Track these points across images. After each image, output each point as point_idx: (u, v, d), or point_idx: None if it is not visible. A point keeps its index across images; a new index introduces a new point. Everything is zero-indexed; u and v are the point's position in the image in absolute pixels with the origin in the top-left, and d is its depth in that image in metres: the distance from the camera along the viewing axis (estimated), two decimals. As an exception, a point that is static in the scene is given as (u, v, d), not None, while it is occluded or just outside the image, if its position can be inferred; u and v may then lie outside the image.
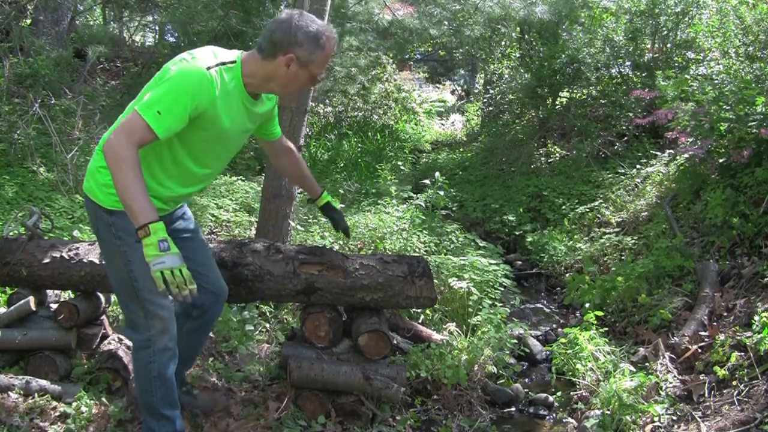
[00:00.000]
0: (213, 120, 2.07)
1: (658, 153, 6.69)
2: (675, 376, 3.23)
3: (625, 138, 7.80)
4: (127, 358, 2.94)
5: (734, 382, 2.98)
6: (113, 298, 3.47)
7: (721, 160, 4.84)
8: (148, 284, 2.03)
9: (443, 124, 14.43)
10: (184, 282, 1.89)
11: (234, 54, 2.12)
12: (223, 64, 2.06)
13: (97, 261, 2.84)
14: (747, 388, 2.86)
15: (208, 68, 2.00)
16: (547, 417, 3.29)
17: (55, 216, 4.68)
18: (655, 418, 2.84)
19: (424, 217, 4.92)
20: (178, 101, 1.95)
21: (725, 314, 3.66)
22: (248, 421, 2.71)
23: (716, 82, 5.17)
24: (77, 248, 2.90)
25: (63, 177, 5.37)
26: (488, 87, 11.48)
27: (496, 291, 4.03)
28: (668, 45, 7.59)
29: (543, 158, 8.62)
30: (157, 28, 11.26)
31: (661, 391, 3.06)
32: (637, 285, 4.25)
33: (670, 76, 5.70)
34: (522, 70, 8.89)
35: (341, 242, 4.49)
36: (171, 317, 2.20)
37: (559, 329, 4.30)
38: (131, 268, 2.12)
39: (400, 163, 8.61)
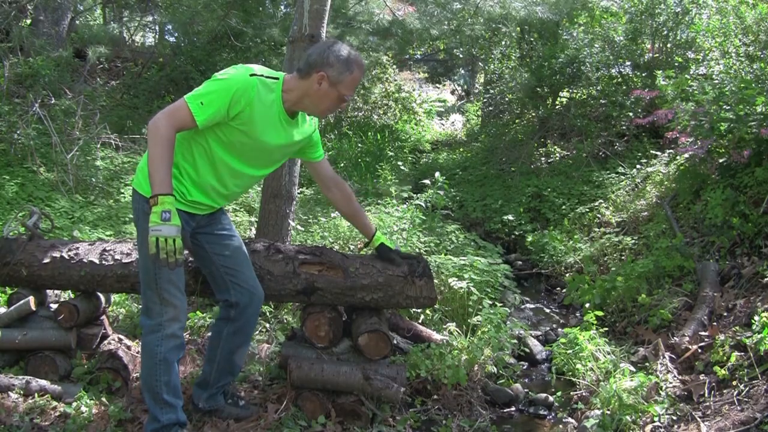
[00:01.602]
0: (249, 123, 2.27)
1: (658, 153, 6.69)
2: (675, 376, 3.23)
3: (625, 138, 7.80)
4: (127, 357, 2.94)
5: (734, 382, 2.98)
6: (113, 298, 3.48)
7: (721, 160, 4.84)
8: (168, 276, 2.28)
9: (443, 124, 14.43)
10: (174, 251, 2.07)
11: (278, 73, 2.37)
12: (268, 77, 2.31)
13: (97, 261, 2.85)
14: (747, 388, 2.86)
15: (253, 75, 2.26)
16: (547, 417, 3.29)
17: (55, 216, 4.68)
18: (655, 418, 2.84)
19: (424, 217, 4.92)
20: (221, 97, 2.19)
21: (725, 314, 3.66)
22: (248, 421, 2.72)
23: (716, 82, 5.17)
24: (77, 248, 2.90)
25: (63, 177, 5.37)
26: (488, 87, 11.48)
27: (496, 291, 4.03)
28: (668, 45, 7.59)
29: (543, 158, 8.62)
30: (157, 28, 11.26)
31: (661, 391, 3.06)
32: (637, 285, 4.25)
33: (670, 76, 5.70)
34: (522, 70, 8.88)
35: (341, 242, 4.49)
36: (184, 307, 2.37)
37: (559, 329, 4.30)
38: None
39: (400, 163, 8.61)
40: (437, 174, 5.03)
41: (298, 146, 2.53)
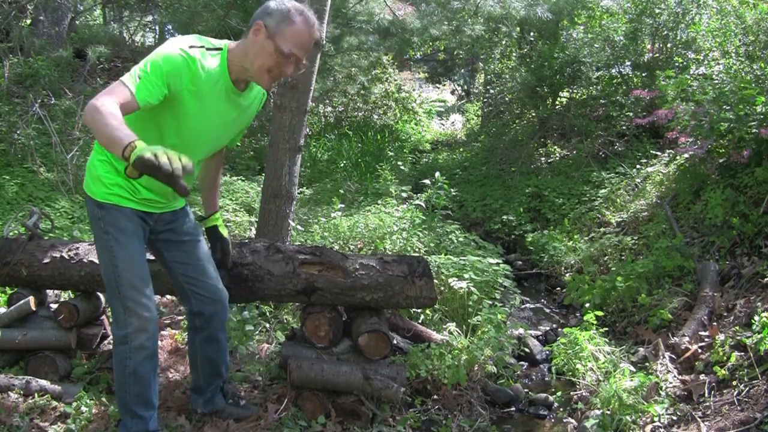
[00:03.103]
0: (193, 97, 2.07)
1: (658, 153, 6.69)
2: (675, 376, 3.23)
3: (625, 138, 7.80)
4: (127, 358, 2.94)
5: (734, 382, 2.98)
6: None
7: (721, 160, 4.84)
8: (130, 281, 2.11)
9: (443, 124, 14.43)
10: (177, 157, 1.70)
11: (222, 42, 2.14)
12: (209, 48, 2.08)
13: (97, 261, 2.84)
14: (747, 388, 2.86)
15: (191, 47, 2.03)
16: (547, 417, 3.29)
17: (55, 216, 4.68)
18: (655, 418, 2.84)
19: (424, 217, 4.92)
20: (157, 70, 1.96)
21: (725, 314, 3.66)
22: (248, 421, 2.71)
23: (716, 82, 5.17)
24: (77, 248, 2.90)
25: (63, 177, 5.37)
26: (488, 87, 11.48)
27: (496, 291, 4.03)
28: (668, 45, 7.59)
29: (543, 158, 8.62)
30: (157, 28, 11.27)
31: (661, 391, 3.06)
32: (637, 285, 4.25)
33: (671, 76, 5.70)
34: (522, 70, 8.88)
35: (341, 242, 4.49)
36: (152, 317, 2.18)
37: (559, 329, 4.30)
38: (116, 263, 2.14)
39: (400, 163, 8.61)
40: (437, 174, 5.03)
41: (245, 119, 2.33)
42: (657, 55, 7.68)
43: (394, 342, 3.15)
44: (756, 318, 3.22)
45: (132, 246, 2.18)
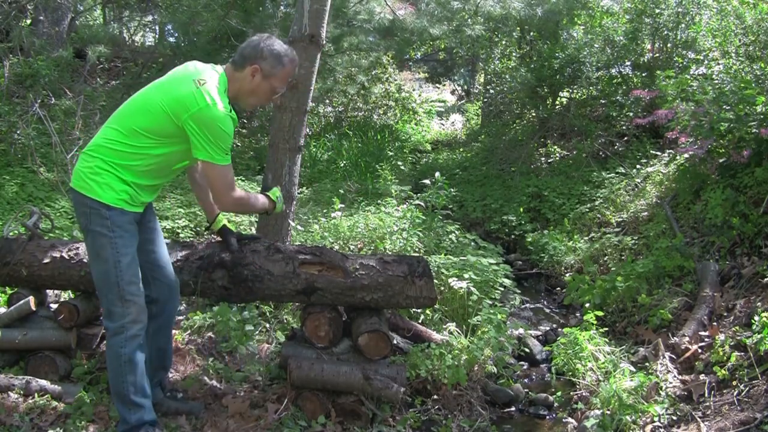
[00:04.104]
0: None
1: (658, 153, 6.69)
2: (675, 376, 3.23)
3: (625, 138, 7.80)
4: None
5: (734, 382, 2.98)
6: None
7: (721, 160, 4.84)
8: (129, 277, 2.34)
9: (443, 124, 14.42)
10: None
11: (219, 70, 2.42)
12: (224, 88, 2.38)
13: (97, 261, 2.84)
14: (747, 388, 2.86)
15: (220, 100, 2.31)
16: (547, 417, 3.29)
17: (55, 216, 4.68)
18: (655, 418, 2.84)
19: (424, 217, 4.91)
20: (227, 138, 2.36)
21: (725, 314, 3.66)
22: (248, 421, 2.71)
23: (716, 82, 5.17)
24: (77, 248, 2.90)
25: (63, 177, 5.36)
26: (488, 87, 11.47)
27: (496, 291, 4.03)
28: (668, 45, 7.59)
29: (543, 158, 8.62)
30: (157, 28, 11.27)
31: (661, 391, 3.06)
32: (637, 285, 4.25)
33: (671, 76, 5.70)
34: (522, 70, 8.88)
35: (341, 242, 4.49)
36: (144, 308, 2.40)
37: (559, 329, 4.30)
38: (119, 258, 2.34)
39: (400, 163, 8.60)
40: (437, 174, 5.02)
41: None
42: (657, 55, 7.68)
43: (394, 342, 3.15)
44: (756, 318, 3.22)
45: (133, 246, 2.40)
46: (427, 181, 5.21)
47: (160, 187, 2.56)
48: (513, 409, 3.35)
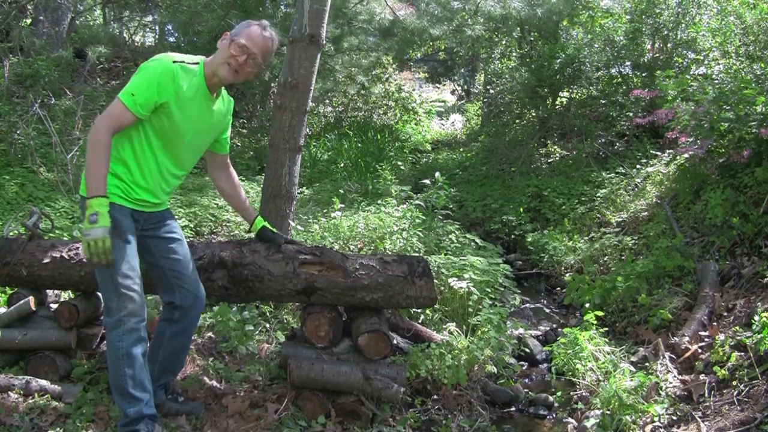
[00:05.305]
0: (177, 107, 2.39)
1: (658, 153, 6.68)
2: (675, 376, 3.23)
3: (625, 138, 7.80)
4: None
5: (734, 382, 2.98)
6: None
7: (721, 160, 4.84)
8: (123, 271, 2.34)
9: (443, 124, 14.42)
10: (103, 252, 2.21)
11: (199, 58, 2.49)
12: (189, 63, 2.43)
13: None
14: (747, 388, 2.86)
15: (174, 62, 2.38)
16: (547, 417, 3.29)
17: (55, 216, 4.68)
18: (655, 418, 2.84)
19: (424, 217, 4.91)
20: (148, 85, 2.32)
21: (725, 314, 3.66)
22: (248, 421, 2.71)
23: (716, 82, 5.16)
24: (77, 248, 2.90)
25: (63, 177, 5.37)
26: (488, 87, 11.48)
27: (496, 291, 4.03)
28: (668, 45, 7.59)
29: (543, 158, 8.62)
30: (157, 28, 11.26)
31: (661, 391, 3.06)
32: (637, 285, 4.25)
33: (671, 76, 5.70)
34: (522, 70, 8.88)
35: (341, 242, 4.49)
36: (141, 302, 2.40)
37: (559, 329, 4.30)
38: (112, 252, 2.32)
39: (400, 163, 8.60)
40: (437, 174, 5.02)
41: (219, 125, 2.63)
42: (657, 55, 7.68)
43: (394, 342, 3.15)
44: (756, 318, 3.22)
45: (126, 240, 2.38)
46: (427, 181, 5.21)
47: (159, 189, 2.51)
48: (513, 409, 3.35)
